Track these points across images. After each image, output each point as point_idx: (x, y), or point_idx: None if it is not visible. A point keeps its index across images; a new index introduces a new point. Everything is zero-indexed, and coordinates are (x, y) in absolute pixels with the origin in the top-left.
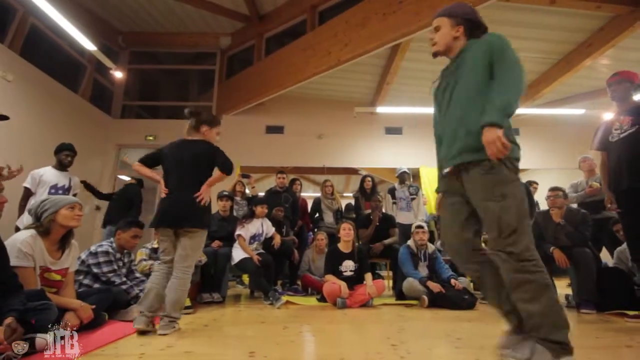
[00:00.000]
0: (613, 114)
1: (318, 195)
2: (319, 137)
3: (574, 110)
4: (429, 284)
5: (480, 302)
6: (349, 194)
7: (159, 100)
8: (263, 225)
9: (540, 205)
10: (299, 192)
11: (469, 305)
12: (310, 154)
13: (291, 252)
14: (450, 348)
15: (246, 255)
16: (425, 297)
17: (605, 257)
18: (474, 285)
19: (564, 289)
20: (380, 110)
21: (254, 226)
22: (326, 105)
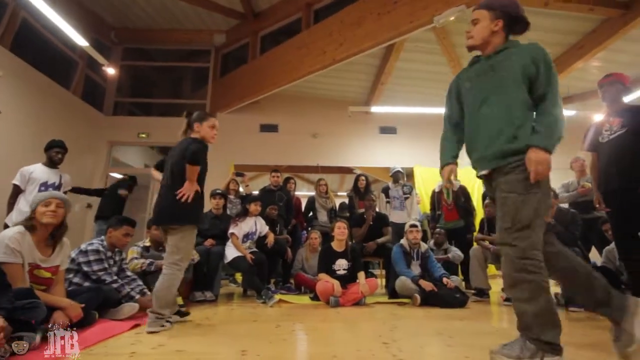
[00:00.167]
0: (603, 116)
1: (312, 194)
2: (314, 136)
3: (565, 112)
4: (422, 282)
5: (471, 301)
6: (343, 193)
7: (152, 97)
8: (257, 224)
9: None
10: (293, 191)
11: (460, 303)
12: (305, 152)
13: (284, 251)
14: (442, 346)
15: (239, 253)
16: (417, 296)
17: (594, 257)
18: (465, 284)
19: (553, 288)
20: (375, 109)
21: (248, 225)
22: (321, 104)
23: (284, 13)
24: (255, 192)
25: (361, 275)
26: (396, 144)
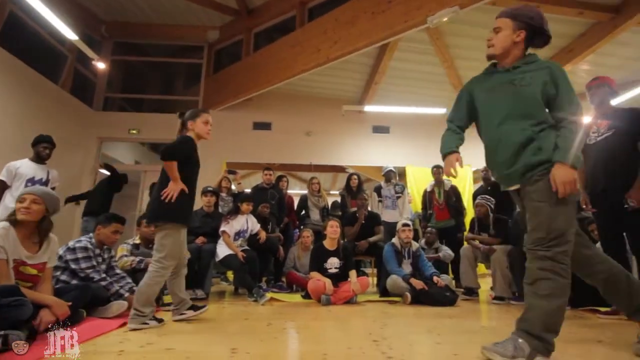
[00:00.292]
0: (591, 118)
1: (305, 192)
2: (307, 135)
3: None
4: (412, 281)
5: (461, 299)
6: (335, 192)
7: (144, 93)
8: (248, 222)
9: None
10: (286, 189)
11: (450, 302)
12: (298, 151)
13: (276, 249)
14: (431, 344)
15: (231, 251)
16: (408, 294)
17: None
18: (455, 283)
19: None
20: (368, 109)
21: (239, 222)
22: (314, 102)
23: (278, 10)
24: (248, 190)
25: (353, 273)
26: (389, 143)
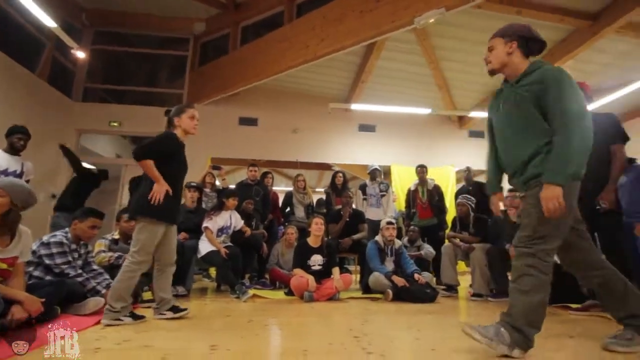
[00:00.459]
0: None
1: (290, 189)
2: (293, 131)
3: None
4: (394, 278)
5: (441, 296)
6: (320, 189)
7: (126, 84)
8: (232, 218)
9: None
10: (271, 186)
11: (430, 298)
12: (284, 147)
13: (260, 246)
14: (411, 339)
15: (213, 248)
16: (389, 291)
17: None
18: (436, 280)
19: None
20: (355, 107)
21: (222, 218)
22: (301, 99)
23: (266, 5)
24: (232, 186)
25: (336, 270)
26: (375, 142)
